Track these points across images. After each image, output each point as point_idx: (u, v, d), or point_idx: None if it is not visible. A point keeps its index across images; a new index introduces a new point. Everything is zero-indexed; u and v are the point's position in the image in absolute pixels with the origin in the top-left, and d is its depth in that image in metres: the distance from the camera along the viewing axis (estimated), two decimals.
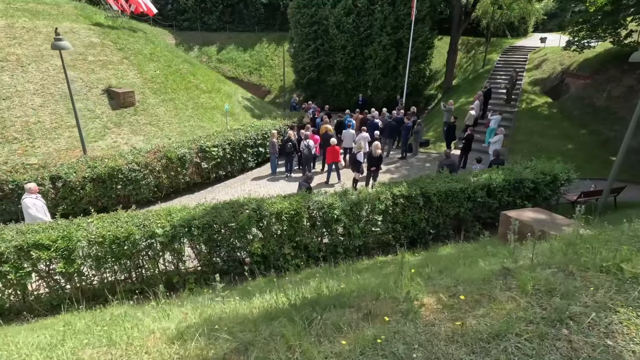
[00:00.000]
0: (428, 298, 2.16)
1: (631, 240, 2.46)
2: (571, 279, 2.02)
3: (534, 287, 2.00)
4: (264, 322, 2.12)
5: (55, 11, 17.57)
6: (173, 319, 2.55)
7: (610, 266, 2.00)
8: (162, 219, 6.72)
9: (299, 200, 7.51)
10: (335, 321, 1.96)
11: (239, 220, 6.93)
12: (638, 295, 1.75)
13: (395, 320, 1.95)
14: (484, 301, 2.00)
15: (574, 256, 2.28)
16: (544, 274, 2.10)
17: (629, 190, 12.83)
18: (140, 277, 6.91)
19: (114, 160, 10.13)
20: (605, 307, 1.71)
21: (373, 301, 2.20)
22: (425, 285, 2.33)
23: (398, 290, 2.23)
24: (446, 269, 2.94)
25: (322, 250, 7.77)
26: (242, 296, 3.55)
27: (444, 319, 1.89)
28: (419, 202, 8.16)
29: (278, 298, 2.56)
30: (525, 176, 8.98)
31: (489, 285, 2.18)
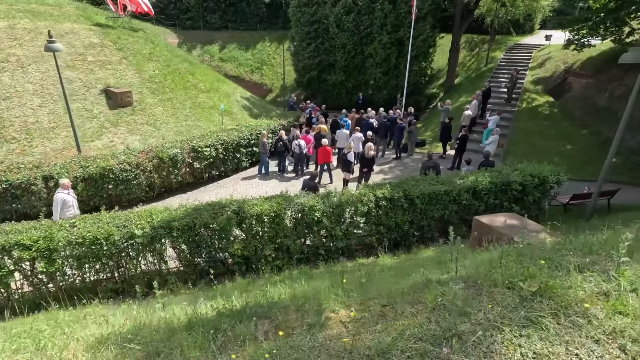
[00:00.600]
0: (343, 310, 2.18)
1: (560, 252, 2.43)
2: (477, 294, 2.01)
3: (439, 302, 2.00)
4: (182, 332, 2.18)
5: (56, 12, 17.85)
6: (111, 324, 2.61)
7: (515, 282, 1.99)
8: (142, 220, 6.83)
9: (280, 202, 7.56)
10: (241, 333, 1.99)
11: (219, 222, 7.00)
12: (524, 314, 1.74)
13: (298, 333, 1.98)
14: (389, 315, 2.01)
15: (490, 270, 2.27)
16: (454, 289, 2.10)
17: (628, 192, 12.62)
18: (122, 277, 7.04)
19: (106, 161, 10.29)
20: (493, 326, 1.69)
21: (292, 312, 2.23)
22: (347, 296, 2.35)
23: (315, 302, 2.26)
24: (380, 280, 2.95)
25: (304, 251, 7.81)
26: (192, 301, 3.60)
27: (345, 333, 1.91)
28: (402, 204, 8.14)
29: (206, 307, 2.60)
30: (513, 179, 8.89)
31: (402, 298, 2.19)
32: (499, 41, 29.81)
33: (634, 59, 7.81)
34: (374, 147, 12.55)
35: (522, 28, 32.06)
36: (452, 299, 1.98)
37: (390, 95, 24.59)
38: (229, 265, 7.67)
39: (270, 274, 6.89)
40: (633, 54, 7.81)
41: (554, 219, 10.17)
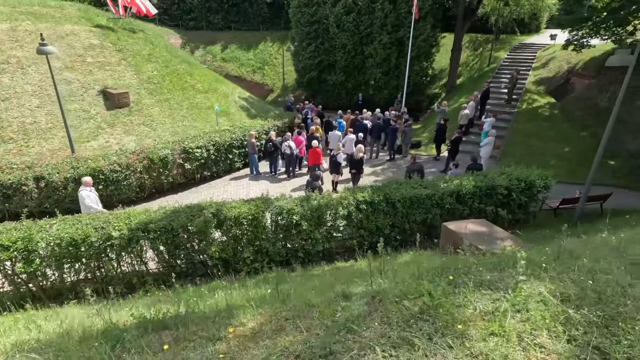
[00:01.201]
0: (251, 323, 2.18)
1: (476, 267, 2.40)
2: (374, 310, 1.99)
3: (335, 318, 1.99)
4: (91, 340, 2.21)
5: (58, 14, 18.15)
6: (39, 330, 2.67)
7: (410, 299, 1.97)
8: (120, 222, 6.92)
9: (258, 204, 7.59)
10: (140, 345, 2.01)
11: (196, 224, 7.07)
12: (400, 334, 1.71)
13: (191, 347, 1.99)
14: (287, 329, 2.00)
15: (397, 285, 2.25)
16: (357, 304, 2.09)
17: (624, 196, 12.36)
18: (101, 278, 7.15)
19: (96, 161, 10.45)
20: (369, 345, 1.67)
21: (202, 323, 2.25)
22: (261, 307, 2.36)
23: (227, 313, 2.27)
24: (313, 289, 2.94)
25: (283, 254, 7.84)
26: (146, 305, 3.65)
27: (235, 347, 1.91)
28: (382, 208, 8.11)
29: (131, 314, 2.63)
30: (498, 183, 8.78)
31: (308, 312, 2.18)
32: (503, 40, 29.44)
33: (620, 61, 7.64)
34: (363, 149, 12.52)
35: (528, 27, 31.60)
36: (348, 316, 1.97)
37: (391, 96, 24.44)
38: (208, 267, 7.74)
39: (244, 277, 6.93)
40: (619, 57, 7.64)
41: (544, 224, 10.08)
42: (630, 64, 7.74)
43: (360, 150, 12.09)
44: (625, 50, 7.72)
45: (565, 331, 1.57)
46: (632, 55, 7.65)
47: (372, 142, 15.06)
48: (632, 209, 10.99)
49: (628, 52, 7.68)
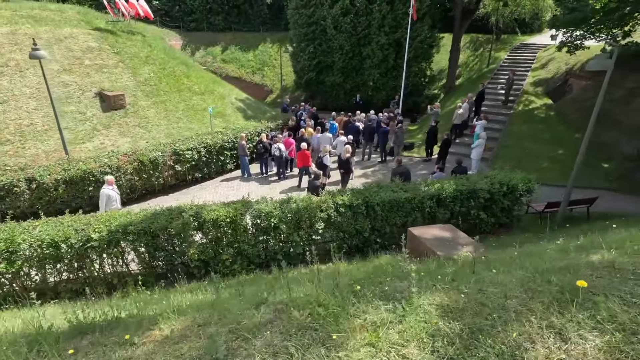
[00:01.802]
0: (170, 328, 2.28)
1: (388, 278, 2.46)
2: (275, 319, 2.08)
3: (237, 326, 2.08)
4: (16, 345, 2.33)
5: (58, 17, 18.48)
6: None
7: (311, 309, 2.05)
8: (100, 224, 7.09)
9: (238, 207, 7.71)
10: (55, 349, 2.12)
11: (174, 227, 7.21)
12: (280, 344, 1.78)
13: (103, 351, 2.09)
14: (190, 337, 2.09)
15: (304, 295, 2.33)
16: (264, 312, 2.17)
17: (614, 200, 12.24)
18: (83, 278, 7.32)
19: (87, 163, 10.66)
20: (252, 354, 1.75)
21: (122, 330, 2.35)
22: (183, 314, 2.45)
23: (150, 319, 2.38)
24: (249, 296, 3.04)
25: (262, 256, 7.95)
26: (103, 306, 3.77)
27: (141, 353, 2.01)
28: (361, 211, 8.18)
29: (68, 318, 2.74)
30: (479, 186, 8.79)
31: (220, 320, 2.27)
32: (504, 41, 29.21)
33: (600, 66, 7.60)
34: (350, 149, 12.59)
35: (530, 27, 31.30)
36: (250, 324, 2.05)
37: (389, 97, 24.41)
38: (190, 269, 7.87)
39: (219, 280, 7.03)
40: (598, 61, 7.59)
41: (529, 228, 10.05)
42: (609, 68, 7.69)
43: (347, 151, 12.16)
44: (604, 54, 7.68)
45: (432, 343, 1.64)
46: (611, 60, 7.59)
47: (364, 144, 15.11)
48: (620, 212, 10.92)
49: (607, 56, 7.63)
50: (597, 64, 7.61)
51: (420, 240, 5.19)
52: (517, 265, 2.52)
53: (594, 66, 7.67)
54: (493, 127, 17.12)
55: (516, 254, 3.54)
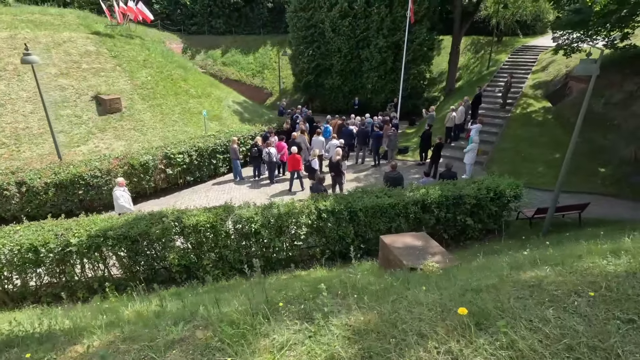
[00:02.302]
0: (91, 342, 2.26)
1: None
2: (189, 336, 2.04)
3: (151, 343, 2.05)
4: None
5: (58, 21, 18.73)
6: None
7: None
8: (81, 229, 7.12)
9: (218, 212, 7.70)
10: None
11: (153, 232, 7.22)
12: None
13: None
14: (86, 357, 2.06)
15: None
16: (181, 328, 2.14)
17: (612, 205, 12.02)
18: (63, 283, 7.36)
19: (78, 167, 10.74)
20: None
21: (51, 344, 2.34)
22: (108, 332, 2.43)
23: (76, 334, 2.36)
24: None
25: (244, 261, 7.92)
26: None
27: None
28: (344, 217, 8.13)
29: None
30: (466, 192, 8.67)
31: (142, 334, 2.24)
32: (506, 43, 28.96)
33: (584, 71, 7.46)
34: (341, 152, 12.53)
35: (533, 29, 30.99)
36: (164, 341, 2.02)
37: (388, 99, 24.34)
38: (172, 273, 7.88)
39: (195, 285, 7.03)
40: (584, 66, 7.46)
41: (519, 233, 9.90)
42: (594, 73, 7.55)
43: (338, 154, 12.12)
44: (590, 60, 7.55)
45: None
46: (596, 65, 7.46)
47: (357, 148, 15.04)
48: (614, 219, 10.71)
49: (592, 61, 7.50)
50: (582, 69, 7.48)
51: (390, 249, 5.12)
52: (453, 282, 2.44)
53: (580, 71, 7.54)
54: (490, 131, 16.97)
55: (461, 265, 3.45)
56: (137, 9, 19.73)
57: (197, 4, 29.99)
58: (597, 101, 16.28)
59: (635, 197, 12.28)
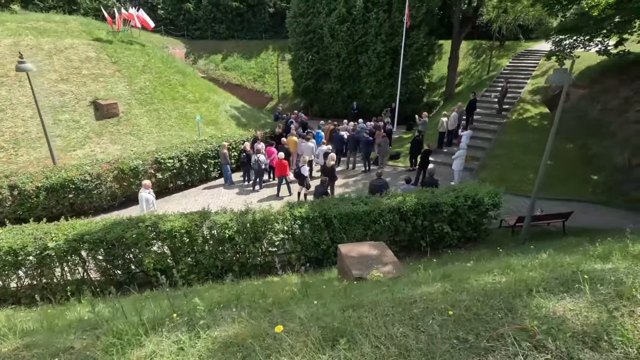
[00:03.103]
0: (10, 345, 2.40)
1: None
2: (91, 345, 2.16)
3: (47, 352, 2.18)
4: None
5: (61, 28, 19.25)
6: None
7: None
8: (60, 233, 7.35)
9: (194, 218, 7.85)
10: None
11: (128, 237, 7.40)
12: None
13: None
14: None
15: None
16: (66, 338, 2.26)
17: (602, 214, 11.86)
18: (42, 285, 7.59)
19: (68, 171, 11.05)
20: None
21: None
22: (21, 337, 2.57)
23: None
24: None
25: (218, 267, 8.06)
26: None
27: None
28: (319, 224, 8.21)
29: None
30: (443, 200, 8.68)
31: (43, 342, 2.38)
32: (508, 47, 28.77)
33: (557, 80, 7.43)
34: (335, 157, 12.65)
35: (537, 33, 30.67)
36: (52, 351, 2.14)
37: (387, 104, 24.35)
38: (149, 277, 8.05)
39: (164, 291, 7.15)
40: (557, 76, 7.42)
41: (500, 242, 9.84)
42: (566, 83, 7.51)
43: (332, 159, 12.24)
44: (562, 69, 7.51)
45: None
46: (568, 75, 7.42)
47: (348, 154, 15.12)
48: (601, 227, 10.56)
49: (565, 70, 7.47)
50: (555, 78, 7.44)
51: (343, 258, 5.19)
52: (355, 296, 2.52)
53: (554, 80, 7.50)
54: (484, 137, 16.88)
55: (404, 277, 3.51)
56: (137, 15, 20.15)
57: (201, 10, 30.48)
58: (592, 107, 16.10)
59: (627, 205, 12.09)
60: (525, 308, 1.95)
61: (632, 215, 11.38)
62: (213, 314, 2.32)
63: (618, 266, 2.52)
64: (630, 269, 2.41)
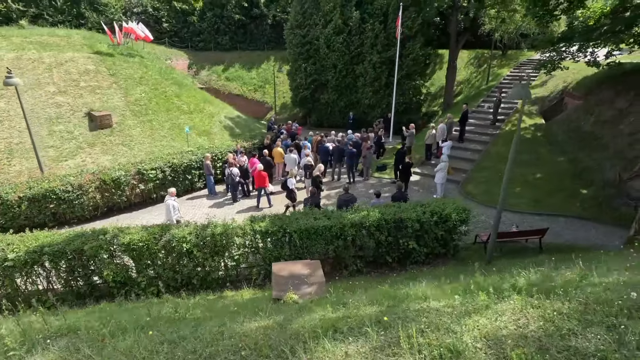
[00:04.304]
0: None
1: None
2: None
3: None
4: None
5: (64, 42, 19.99)
6: None
7: None
8: (22, 244, 7.55)
9: (154, 231, 7.94)
10: None
11: (87, 249, 7.54)
12: None
13: None
14: None
15: None
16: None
17: (587, 229, 11.42)
18: (6, 294, 7.78)
19: (51, 182, 11.36)
20: None
21: None
22: None
23: None
24: None
25: (177, 280, 8.11)
26: None
27: None
28: (279, 238, 8.20)
29: None
30: (408, 215, 8.54)
31: None
32: (510, 56, 28.40)
33: (518, 95, 7.25)
34: (322, 168, 12.65)
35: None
36: None
37: (383, 114, 24.27)
38: (110, 288, 8.17)
39: (121, 302, 7.24)
40: (517, 91, 7.24)
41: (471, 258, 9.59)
42: (525, 98, 7.32)
43: (319, 170, 12.25)
44: (523, 85, 7.34)
45: None
46: (527, 90, 7.23)
47: (333, 165, 15.09)
48: (582, 245, 10.18)
49: (525, 85, 7.30)
50: (516, 93, 7.27)
51: (273, 276, 5.16)
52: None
53: (514, 95, 7.33)
54: (475, 149, 16.60)
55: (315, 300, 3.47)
56: (137, 28, 20.76)
57: (205, 22, 31.18)
58: (586, 119, 15.66)
59: (615, 222, 11.62)
60: (306, 353, 1.89)
61: (618, 232, 10.95)
62: (44, 343, 2.35)
63: (434, 306, 2.45)
64: (441, 310, 2.34)
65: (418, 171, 15.67)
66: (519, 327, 2.31)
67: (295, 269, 5.36)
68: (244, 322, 2.67)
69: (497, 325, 2.34)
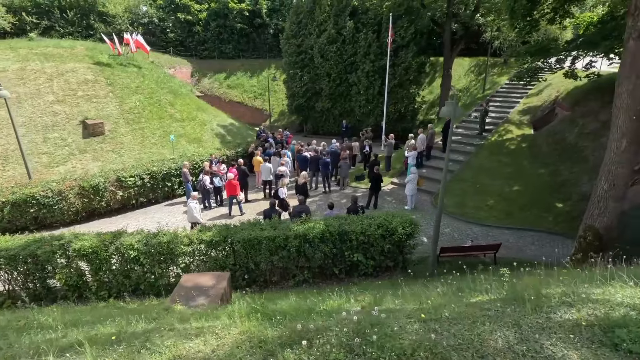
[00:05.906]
0: None
1: None
2: None
3: None
4: None
5: (67, 53, 21.07)
6: None
7: None
8: None
9: (105, 238, 8.36)
10: None
11: (40, 254, 8.02)
12: None
13: None
14: None
15: None
16: None
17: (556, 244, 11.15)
18: None
19: (32, 187, 12.05)
20: None
21: None
22: None
23: None
24: None
25: (126, 285, 8.49)
26: None
27: None
28: (222, 248, 8.47)
29: None
30: (351, 228, 8.66)
31: None
32: (512, 64, 27.86)
33: (447, 113, 7.26)
34: (306, 175, 12.88)
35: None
36: None
37: (378, 122, 24.32)
38: (65, 292, 8.63)
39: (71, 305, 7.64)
40: (448, 108, 7.26)
41: (424, 271, 9.57)
42: (454, 116, 7.32)
43: (303, 177, 12.51)
44: (452, 102, 7.36)
45: None
46: (456, 107, 7.24)
47: (310, 174, 15.29)
48: (540, 261, 9.97)
49: (455, 103, 7.33)
50: (446, 111, 7.29)
51: (178, 286, 5.41)
52: None
53: (445, 113, 7.34)
54: (457, 159, 16.44)
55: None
56: (135, 40, 21.66)
57: (209, 32, 32.10)
58: (571, 131, 15.29)
59: None
60: None
61: None
62: None
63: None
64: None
65: (396, 181, 15.68)
66: None
67: (202, 280, 5.60)
68: None
69: None
